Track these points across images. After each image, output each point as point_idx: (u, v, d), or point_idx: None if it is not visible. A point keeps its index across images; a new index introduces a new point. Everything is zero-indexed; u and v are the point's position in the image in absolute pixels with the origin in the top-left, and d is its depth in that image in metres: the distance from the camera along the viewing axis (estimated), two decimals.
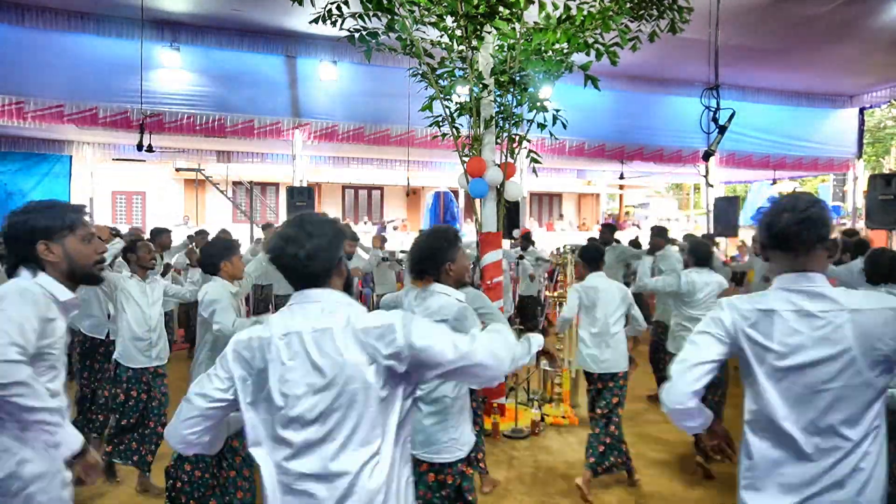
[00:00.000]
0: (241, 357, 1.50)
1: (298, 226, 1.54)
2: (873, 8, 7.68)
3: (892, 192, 7.56)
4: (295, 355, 1.44)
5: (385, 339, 1.42)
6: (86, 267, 1.85)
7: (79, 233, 1.82)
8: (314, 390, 1.41)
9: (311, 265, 1.51)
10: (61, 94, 8.13)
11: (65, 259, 1.79)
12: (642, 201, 25.70)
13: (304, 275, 1.53)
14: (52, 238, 1.77)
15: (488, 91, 5.16)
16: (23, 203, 1.85)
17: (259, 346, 1.48)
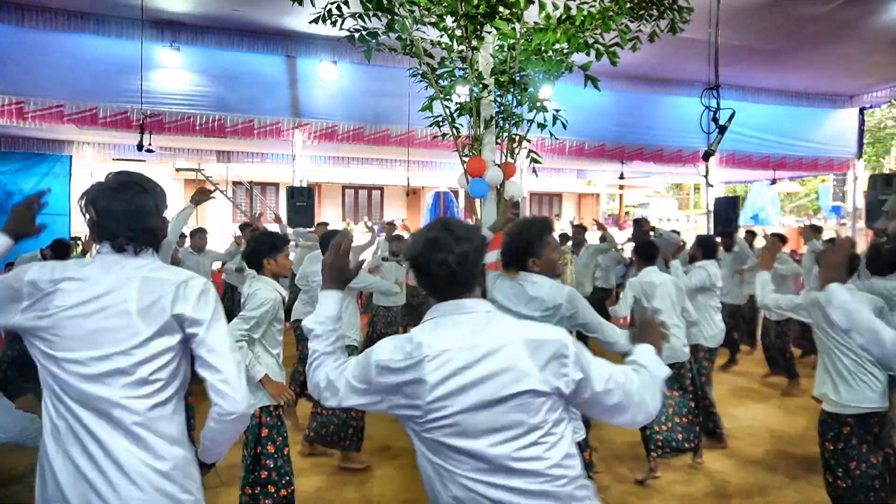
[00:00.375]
0: (389, 369, 1.42)
1: (445, 229, 1.45)
2: (873, 8, 7.68)
3: (892, 192, 7.56)
4: (456, 372, 1.36)
5: (559, 359, 1.36)
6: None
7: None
8: (481, 406, 1.35)
9: (461, 272, 1.42)
10: (61, 94, 8.13)
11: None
12: (642, 201, 25.72)
13: (452, 283, 1.44)
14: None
15: (488, 91, 5.16)
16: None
17: (410, 364, 1.39)
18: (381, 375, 1.44)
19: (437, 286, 1.46)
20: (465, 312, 1.43)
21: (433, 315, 1.46)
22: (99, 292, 1.48)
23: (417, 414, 1.40)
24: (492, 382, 1.34)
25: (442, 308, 1.45)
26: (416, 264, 1.47)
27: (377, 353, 1.46)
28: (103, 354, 1.45)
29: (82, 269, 1.50)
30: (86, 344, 1.45)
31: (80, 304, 1.46)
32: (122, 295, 1.49)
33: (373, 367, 1.45)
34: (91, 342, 1.45)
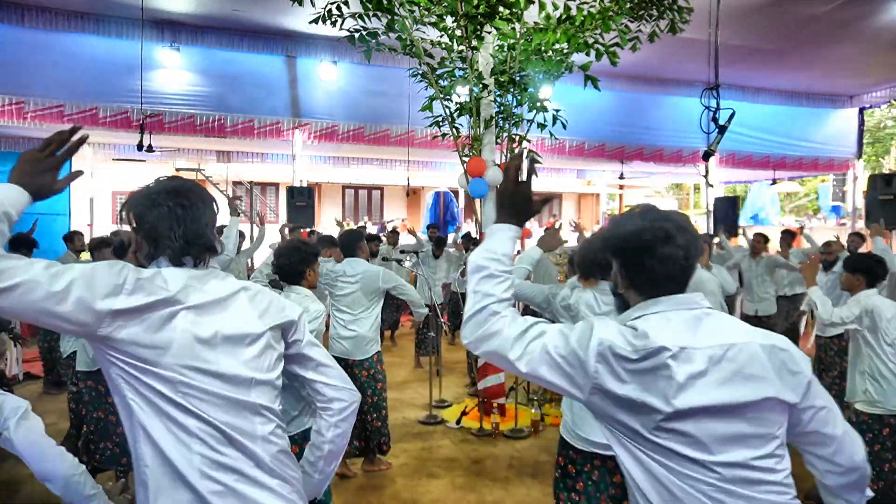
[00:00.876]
0: (623, 358, 1.22)
1: (667, 219, 1.30)
2: (873, 8, 7.68)
3: (892, 192, 7.57)
4: (702, 373, 1.21)
5: (791, 366, 1.27)
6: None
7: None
8: (724, 411, 1.22)
9: (690, 265, 1.29)
10: (61, 94, 8.12)
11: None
12: (642, 201, 25.70)
13: (678, 278, 1.30)
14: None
15: (488, 91, 5.16)
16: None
17: (649, 358, 1.21)
18: (604, 362, 1.22)
19: (658, 281, 1.30)
20: (692, 308, 1.29)
21: (655, 309, 1.28)
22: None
23: (652, 417, 1.21)
24: (736, 386, 1.22)
25: (665, 302, 1.29)
26: (635, 256, 1.30)
27: (602, 332, 1.24)
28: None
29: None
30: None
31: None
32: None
33: (594, 348, 1.23)
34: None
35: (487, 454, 4.68)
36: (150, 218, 1.39)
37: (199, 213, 1.43)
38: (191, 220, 1.41)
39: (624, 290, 1.37)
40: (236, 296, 1.43)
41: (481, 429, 5.14)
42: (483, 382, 5.40)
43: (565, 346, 1.25)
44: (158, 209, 1.40)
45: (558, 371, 1.25)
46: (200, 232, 1.42)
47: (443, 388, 6.13)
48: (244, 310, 1.43)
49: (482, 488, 4.08)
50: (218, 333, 1.35)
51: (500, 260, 1.34)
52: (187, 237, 1.39)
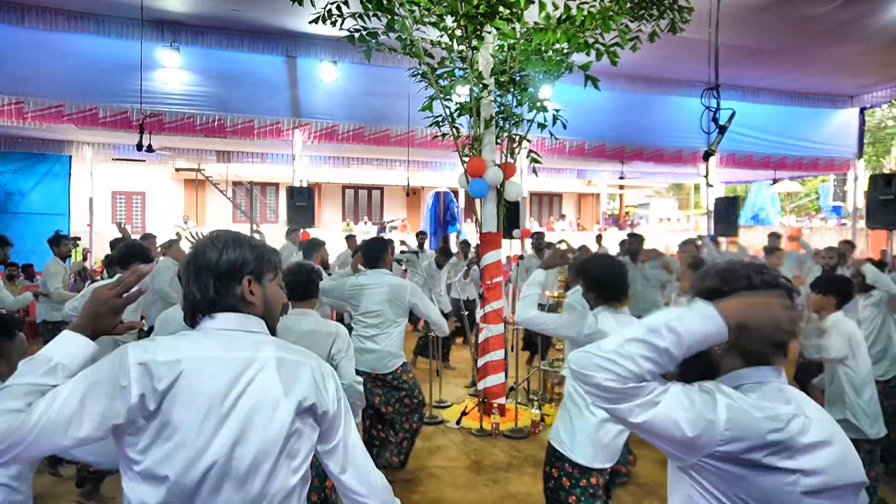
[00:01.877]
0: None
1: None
2: (873, 8, 7.68)
3: (892, 192, 7.57)
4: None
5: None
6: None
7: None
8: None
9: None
10: (61, 94, 8.13)
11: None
12: (642, 201, 25.71)
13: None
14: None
15: (488, 91, 5.16)
16: (22, 203, 1.81)
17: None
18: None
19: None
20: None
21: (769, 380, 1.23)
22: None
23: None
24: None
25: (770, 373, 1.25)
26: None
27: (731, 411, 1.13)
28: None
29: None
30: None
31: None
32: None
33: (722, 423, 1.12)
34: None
35: (487, 454, 4.68)
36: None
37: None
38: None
39: (722, 353, 1.25)
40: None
41: (481, 429, 5.14)
42: (483, 382, 5.40)
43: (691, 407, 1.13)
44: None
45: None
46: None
47: (443, 388, 6.13)
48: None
49: (482, 488, 4.08)
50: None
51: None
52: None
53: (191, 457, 1.20)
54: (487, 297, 5.43)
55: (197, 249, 1.37)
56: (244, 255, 1.37)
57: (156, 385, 1.18)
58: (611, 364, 1.12)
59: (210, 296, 1.33)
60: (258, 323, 1.37)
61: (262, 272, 1.39)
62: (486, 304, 5.42)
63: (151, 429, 1.19)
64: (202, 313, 1.35)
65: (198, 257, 1.36)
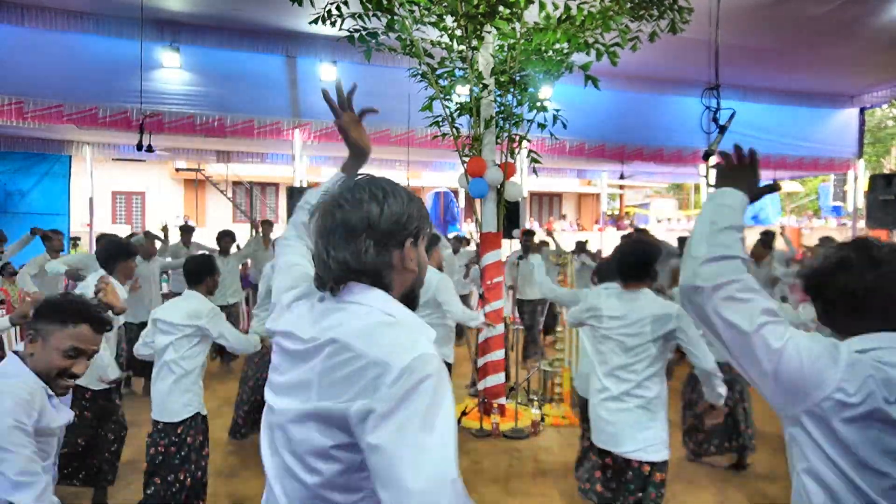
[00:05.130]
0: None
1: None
2: (873, 8, 7.68)
3: (892, 192, 7.55)
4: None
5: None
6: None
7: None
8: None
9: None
10: (61, 94, 8.12)
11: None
12: (642, 201, 25.73)
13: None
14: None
15: (488, 91, 5.16)
16: (22, 203, 1.81)
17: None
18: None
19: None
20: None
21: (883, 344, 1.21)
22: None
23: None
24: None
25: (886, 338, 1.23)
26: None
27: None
28: None
29: None
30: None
31: None
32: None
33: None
34: None
35: (487, 454, 4.67)
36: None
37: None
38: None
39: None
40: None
41: (481, 429, 5.14)
42: (483, 382, 5.40)
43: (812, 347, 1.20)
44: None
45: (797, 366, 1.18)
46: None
47: None
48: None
49: (482, 488, 4.08)
50: None
51: (737, 223, 1.36)
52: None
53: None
54: (487, 297, 5.43)
55: (344, 200, 1.12)
56: (409, 208, 1.14)
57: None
58: (715, 251, 1.29)
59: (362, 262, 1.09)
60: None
61: (420, 233, 1.17)
62: (487, 304, 5.42)
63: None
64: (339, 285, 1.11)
65: (348, 212, 1.10)
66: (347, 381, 1.01)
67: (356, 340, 1.03)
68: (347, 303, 1.10)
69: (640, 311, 2.74)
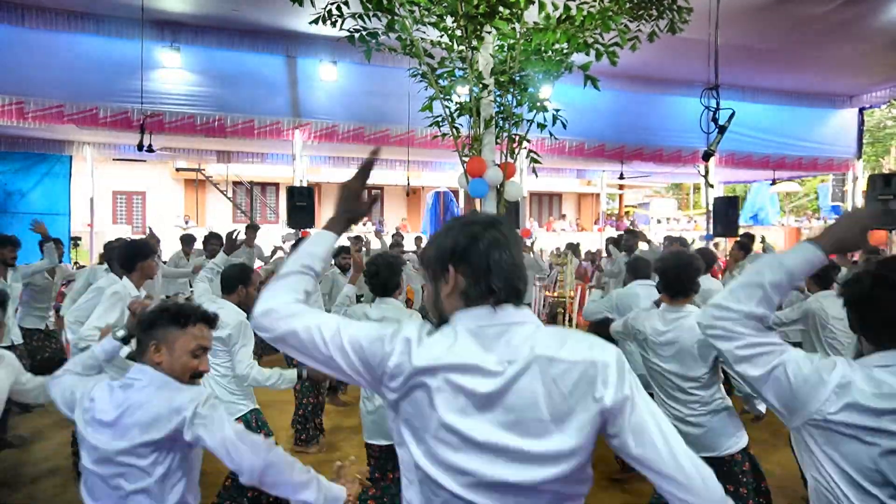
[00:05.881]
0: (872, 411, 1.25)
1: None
2: (873, 8, 7.68)
3: (891, 192, 7.57)
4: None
5: None
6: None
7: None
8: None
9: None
10: (61, 94, 8.13)
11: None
12: (642, 201, 25.73)
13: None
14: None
15: (488, 91, 5.16)
16: (22, 203, 1.77)
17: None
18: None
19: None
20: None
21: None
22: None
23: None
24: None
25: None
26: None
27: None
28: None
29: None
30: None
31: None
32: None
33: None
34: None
35: None
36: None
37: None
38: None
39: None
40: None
41: None
42: None
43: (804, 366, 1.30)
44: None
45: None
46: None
47: None
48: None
49: None
50: None
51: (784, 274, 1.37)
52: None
53: None
54: None
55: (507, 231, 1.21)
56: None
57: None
58: (725, 311, 1.35)
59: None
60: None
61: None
62: None
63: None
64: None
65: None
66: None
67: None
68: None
69: (689, 332, 2.56)
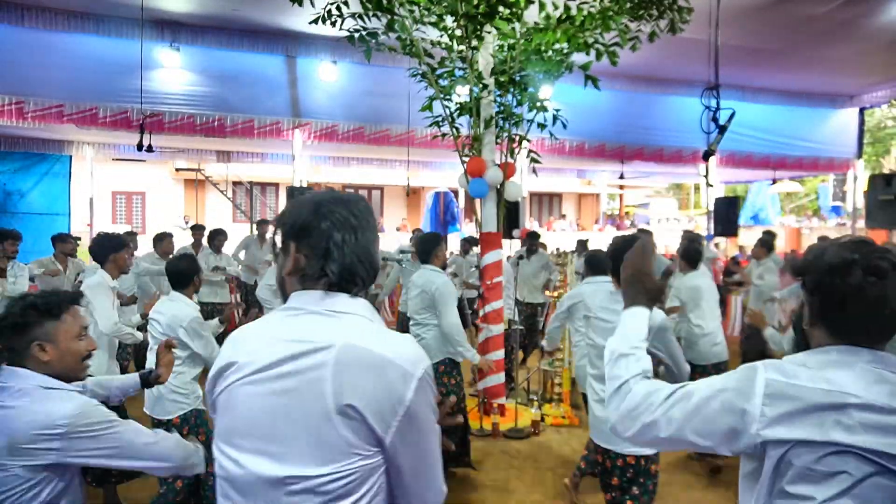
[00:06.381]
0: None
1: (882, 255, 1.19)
2: (873, 8, 7.68)
3: (892, 192, 7.56)
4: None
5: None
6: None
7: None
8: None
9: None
10: (61, 94, 8.12)
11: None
12: (642, 201, 25.72)
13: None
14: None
15: (488, 91, 5.16)
16: (22, 203, 1.76)
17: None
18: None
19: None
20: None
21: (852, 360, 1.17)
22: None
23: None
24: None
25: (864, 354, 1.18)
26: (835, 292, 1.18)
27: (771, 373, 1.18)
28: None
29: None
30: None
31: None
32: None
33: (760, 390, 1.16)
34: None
35: (487, 454, 4.68)
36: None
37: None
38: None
39: (808, 327, 1.25)
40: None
41: (481, 429, 5.14)
42: (483, 382, 5.40)
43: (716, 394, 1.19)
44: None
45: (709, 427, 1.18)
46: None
47: None
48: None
49: (482, 488, 4.08)
50: None
51: (634, 344, 1.36)
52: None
53: None
54: (487, 297, 5.43)
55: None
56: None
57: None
58: (611, 388, 1.32)
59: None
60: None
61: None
62: (487, 303, 5.43)
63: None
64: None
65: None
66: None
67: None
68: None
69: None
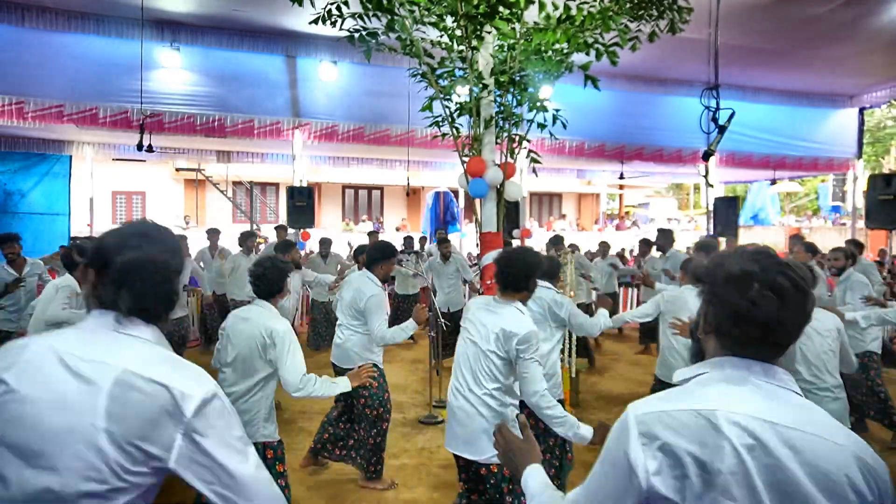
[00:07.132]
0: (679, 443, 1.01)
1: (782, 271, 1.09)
2: (873, 8, 7.68)
3: (891, 192, 7.58)
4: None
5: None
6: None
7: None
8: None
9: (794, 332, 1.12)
10: (61, 94, 8.13)
11: None
12: (642, 201, 25.73)
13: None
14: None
15: (488, 91, 5.16)
16: (22, 203, 1.76)
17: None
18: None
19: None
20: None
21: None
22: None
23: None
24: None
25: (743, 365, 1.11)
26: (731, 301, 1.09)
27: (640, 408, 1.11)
28: None
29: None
30: None
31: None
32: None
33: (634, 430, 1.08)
34: None
35: None
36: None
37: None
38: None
39: (703, 336, 1.18)
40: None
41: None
42: None
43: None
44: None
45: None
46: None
47: (443, 388, 6.13)
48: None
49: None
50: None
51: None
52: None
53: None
54: None
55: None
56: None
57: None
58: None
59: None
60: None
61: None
62: None
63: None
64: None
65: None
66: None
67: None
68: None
69: (494, 323, 2.78)
